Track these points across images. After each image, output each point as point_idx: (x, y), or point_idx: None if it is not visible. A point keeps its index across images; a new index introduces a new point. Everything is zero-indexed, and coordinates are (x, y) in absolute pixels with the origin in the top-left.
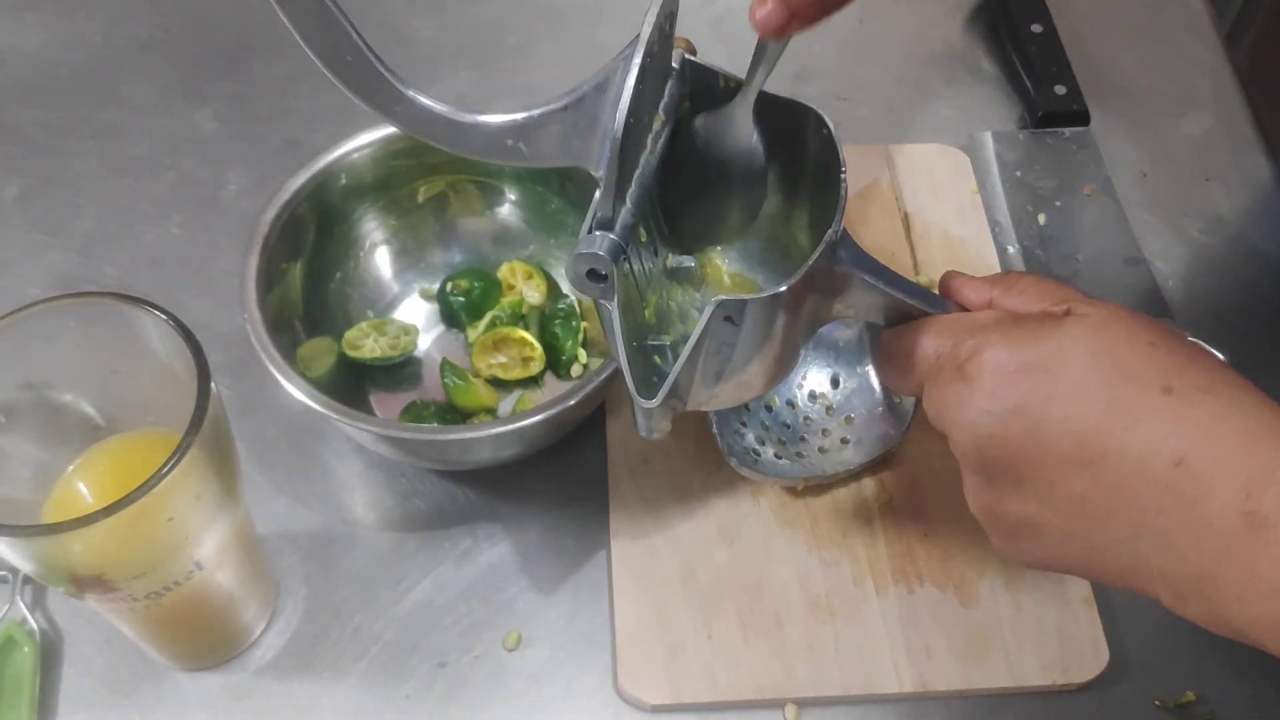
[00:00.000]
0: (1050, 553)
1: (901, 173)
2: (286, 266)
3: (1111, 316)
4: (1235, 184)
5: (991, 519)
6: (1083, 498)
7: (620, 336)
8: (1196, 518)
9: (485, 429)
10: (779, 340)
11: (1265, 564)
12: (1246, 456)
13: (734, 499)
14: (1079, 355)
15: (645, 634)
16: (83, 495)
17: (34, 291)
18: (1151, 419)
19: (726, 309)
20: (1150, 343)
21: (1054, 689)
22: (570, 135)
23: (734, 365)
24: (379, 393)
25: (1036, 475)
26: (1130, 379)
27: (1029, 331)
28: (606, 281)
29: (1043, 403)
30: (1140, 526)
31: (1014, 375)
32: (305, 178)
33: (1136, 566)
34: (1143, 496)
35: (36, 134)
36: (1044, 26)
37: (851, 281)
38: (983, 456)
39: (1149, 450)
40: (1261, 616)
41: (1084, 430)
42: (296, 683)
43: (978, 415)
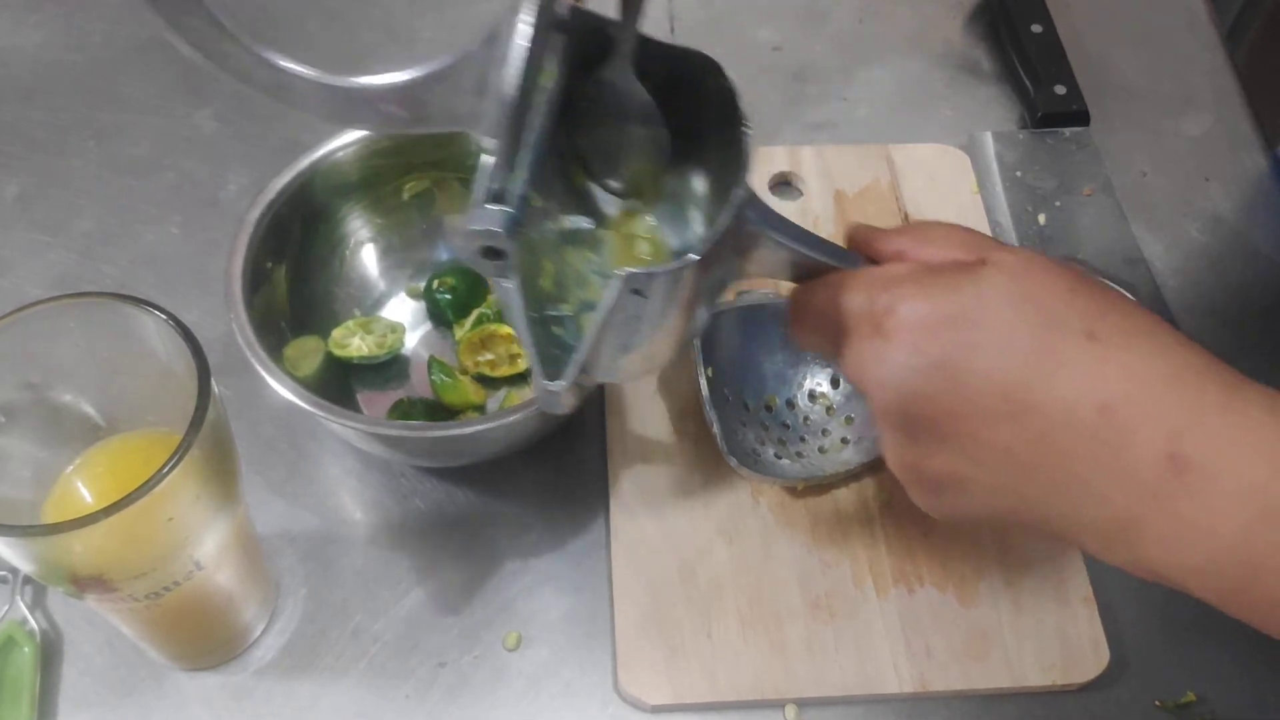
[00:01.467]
0: (976, 507)
1: (901, 173)
2: (272, 266)
3: (1028, 262)
4: (1235, 184)
5: (915, 476)
6: (1008, 450)
7: (522, 316)
8: (1122, 464)
9: (472, 425)
10: (688, 306)
11: (1189, 508)
12: (1170, 400)
13: (734, 499)
14: (999, 304)
15: (645, 634)
16: (83, 495)
17: (34, 291)
18: (1075, 366)
19: (634, 282)
20: (1070, 288)
21: (1054, 689)
22: (455, 97)
23: (642, 336)
24: (367, 391)
25: (960, 430)
26: (1053, 326)
27: (946, 282)
28: (504, 259)
29: (965, 355)
30: (1067, 476)
31: (934, 328)
32: (289, 177)
33: (1064, 516)
34: (1069, 446)
35: (36, 134)
36: (1044, 26)
37: (760, 241)
38: (905, 414)
39: (1074, 398)
40: (1185, 561)
41: (1008, 381)
42: (296, 683)
43: (899, 372)
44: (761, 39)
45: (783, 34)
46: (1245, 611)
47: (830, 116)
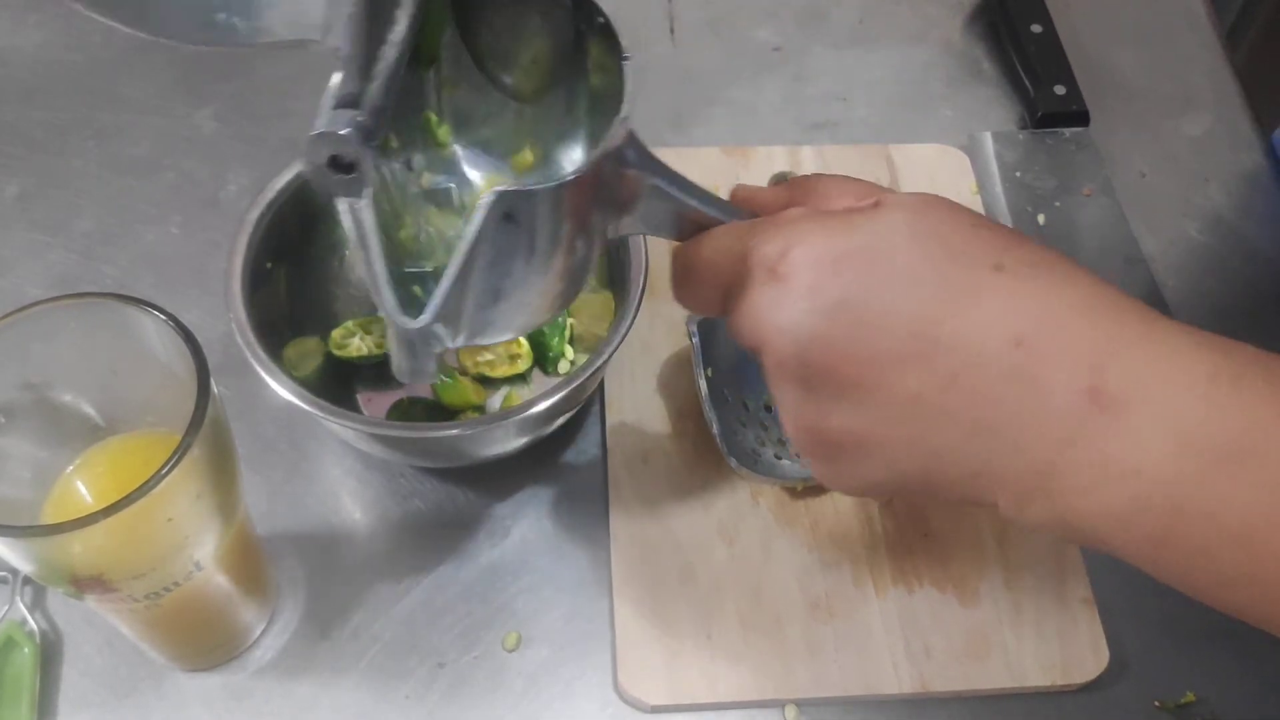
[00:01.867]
0: (882, 470)
1: (901, 173)
2: (273, 266)
3: (926, 200)
4: (1235, 184)
5: (815, 439)
6: (916, 397)
7: (376, 243)
8: (1039, 401)
9: (472, 426)
10: (564, 252)
11: (1112, 445)
12: (1088, 331)
13: (734, 499)
14: (901, 239)
15: (645, 634)
16: (82, 495)
17: (34, 291)
18: (985, 298)
19: (506, 203)
20: (973, 223)
21: (1054, 689)
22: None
23: (514, 280)
24: (367, 391)
25: (864, 378)
26: (958, 259)
27: (843, 221)
28: (355, 172)
29: (867, 293)
30: (979, 421)
31: (833, 266)
32: (289, 177)
33: (976, 470)
34: (981, 385)
35: (36, 134)
36: (1044, 26)
37: (641, 188)
38: (805, 362)
39: (985, 332)
40: (1108, 506)
41: (914, 318)
42: (296, 683)
43: (797, 315)
44: (761, 39)
45: (783, 34)
46: (1167, 564)
47: (830, 116)
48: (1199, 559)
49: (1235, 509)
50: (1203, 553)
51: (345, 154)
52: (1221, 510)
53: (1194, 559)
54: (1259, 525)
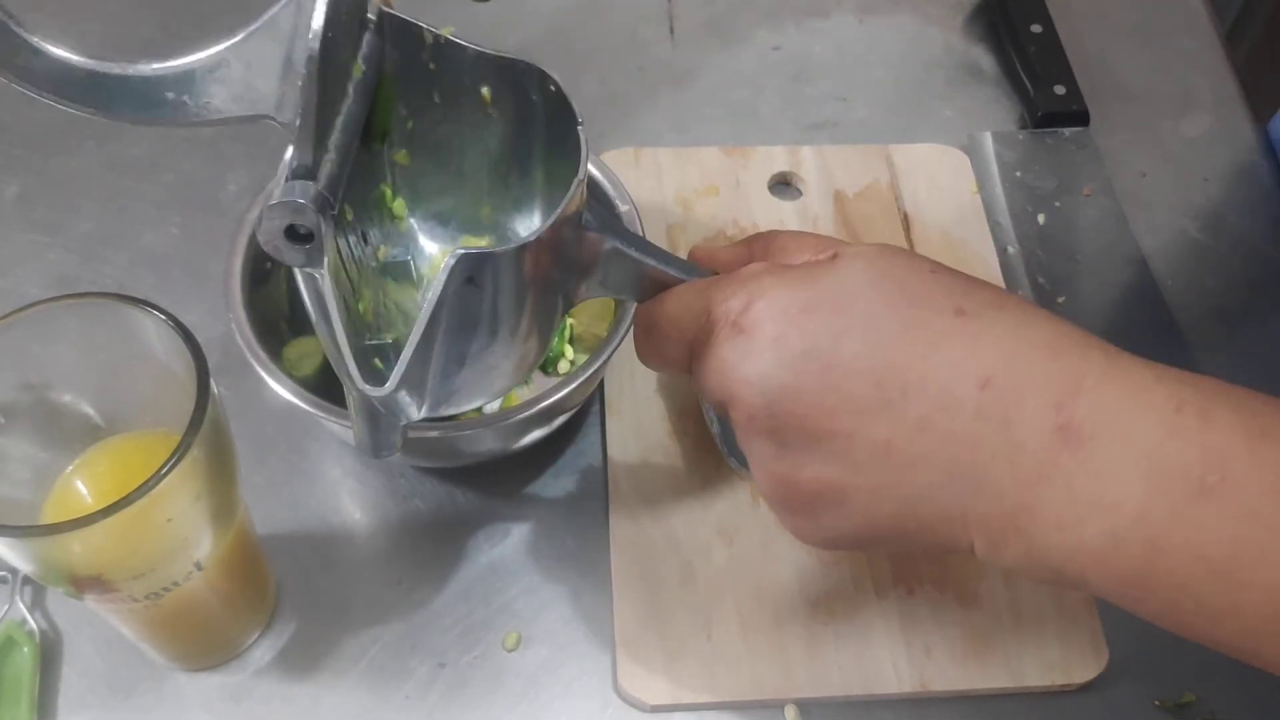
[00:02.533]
0: (856, 521)
1: (901, 173)
2: (273, 266)
3: (884, 249)
4: (1235, 184)
5: (787, 493)
6: (887, 444)
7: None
8: (1010, 441)
9: (472, 425)
10: (527, 316)
11: (1083, 481)
12: (1052, 368)
13: (734, 499)
14: (863, 288)
15: (645, 634)
16: (82, 495)
17: (34, 291)
18: (950, 342)
19: (468, 266)
20: (932, 269)
21: (1054, 689)
22: (246, 79)
23: (478, 345)
24: None
25: (834, 428)
26: (920, 304)
27: (803, 273)
28: (313, 242)
29: (833, 342)
30: (952, 464)
31: (798, 317)
32: None
33: (950, 514)
34: (952, 429)
35: (36, 134)
36: (1044, 26)
37: (600, 250)
38: (774, 414)
39: (952, 375)
40: (1082, 541)
41: (881, 366)
42: (296, 683)
43: (763, 367)
44: (761, 39)
45: (783, 34)
46: (1146, 600)
47: (830, 116)
48: (1178, 594)
49: (1212, 541)
50: (1182, 588)
51: (302, 224)
52: (1198, 542)
53: (1174, 594)
54: (1237, 555)
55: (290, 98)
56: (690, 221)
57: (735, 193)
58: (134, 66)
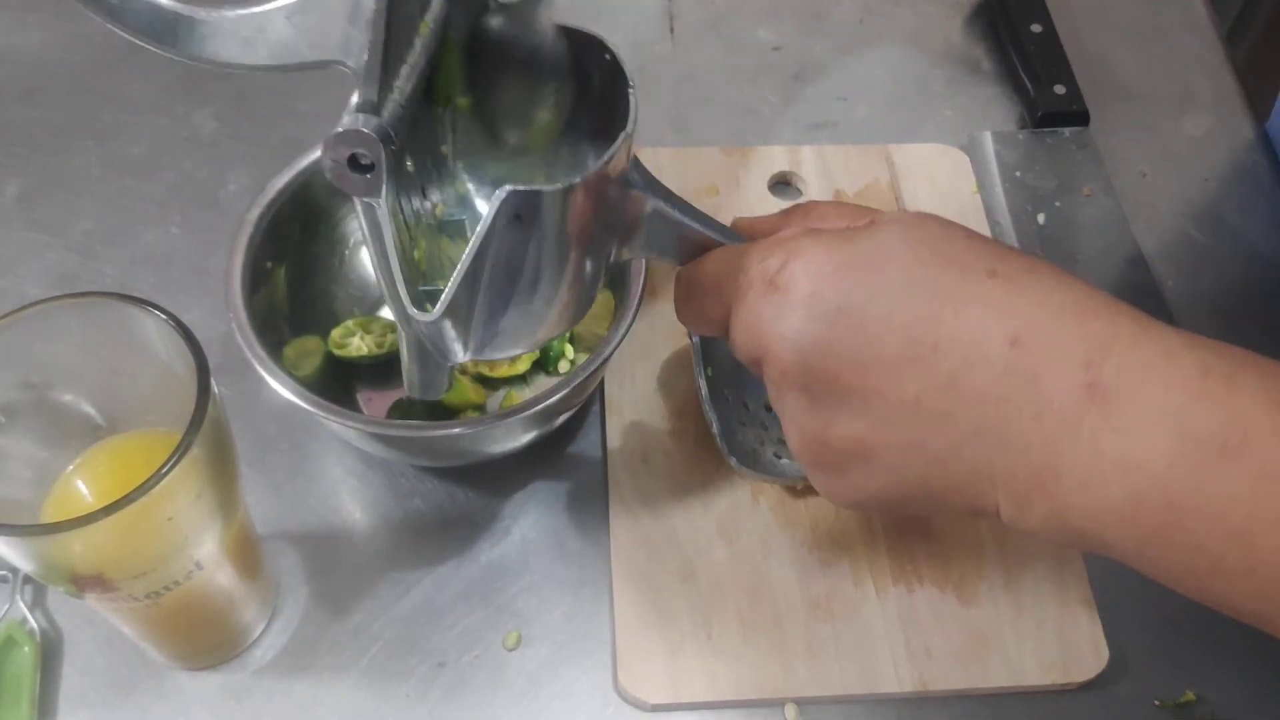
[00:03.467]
0: (884, 478)
1: (901, 173)
2: (273, 266)
3: (920, 215)
4: (1235, 184)
5: (818, 449)
6: (916, 400)
7: (392, 243)
8: (1037, 397)
9: (472, 425)
10: (573, 262)
11: (1108, 438)
12: (1081, 329)
13: (734, 498)
14: (898, 249)
15: (645, 634)
16: (83, 495)
17: (34, 291)
18: (982, 301)
19: (516, 203)
20: (966, 235)
21: (1054, 689)
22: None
23: (522, 286)
24: (367, 391)
25: (865, 384)
26: (954, 265)
27: (840, 235)
28: (373, 172)
29: (867, 298)
30: (980, 421)
31: (833, 274)
32: (289, 177)
33: (977, 473)
34: (980, 385)
35: (36, 134)
36: (1044, 26)
37: (644, 209)
38: (807, 369)
39: (983, 333)
40: (1105, 500)
41: (912, 322)
42: (296, 683)
43: (799, 322)
44: (761, 39)
45: (783, 34)
46: (1164, 561)
47: (830, 116)
48: (1195, 555)
49: (1231, 503)
50: (1199, 548)
51: (364, 153)
52: (1217, 504)
53: (1190, 555)
54: (1254, 518)
55: (357, 40)
56: None
57: (735, 193)
58: (217, 11)
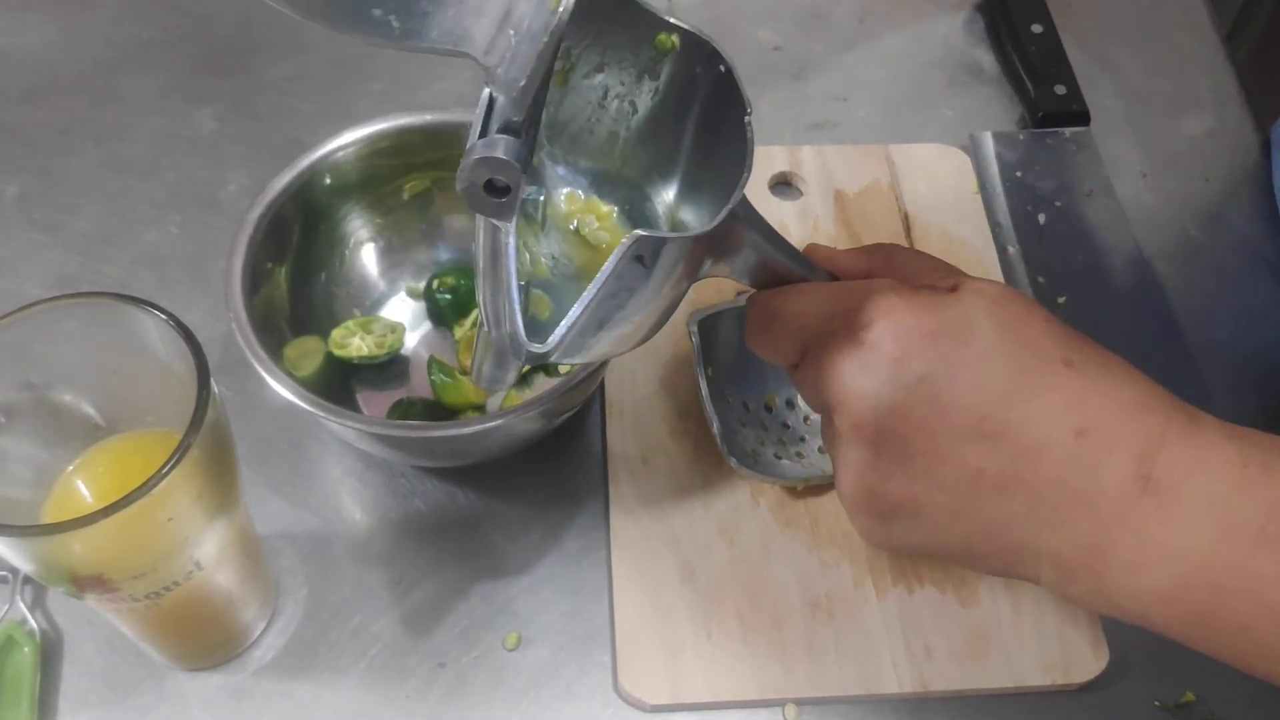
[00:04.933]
0: (928, 535)
1: (901, 173)
2: (273, 266)
3: (1004, 290)
4: (1235, 184)
5: (869, 499)
6: (979, 472)
7: (513, 266)
8: (1093, 486)
9: (472, 425)
10: (669, 292)
11: (1155, 527)
12: (1140, 424)
13: (734, 499)
14: (983, 326)
15: (645, 634)
16: (83, 495)
17: (34, 291)
18: (1055, 391)
19: (641, 247)
20: (1046, 319)
21: (1054, 689)
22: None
23: (626, 313)
24: (367, 391)
25: (931, 450)
26: (1033, 351)
27: (928, 300)
28: (508, 196)
29: (949, 371)
30: (1035, 500)
31: (920, 342)
32: (290, 177)
33: (1023, 545)
34: (1042, 469)
35: (36, 134)
36: (1044, 26)
37: (744, 241)
38: (879, 428)
39: (1053, 422)
40: (1149, 584)
41: (988, 401)
42: (296, 683)
43: (880, 383)
44: (761, 39)
45: (783, 34)
46: (1208, 639)
47: (830, 116)
48: (1241, 637)
49: (1271, 586)
50: (1244, 630)
51: (503, 179)
52: (1259, 588)
53: (1236, 637)
54: None
55: (500, 45)
56: None
57: None
58: None
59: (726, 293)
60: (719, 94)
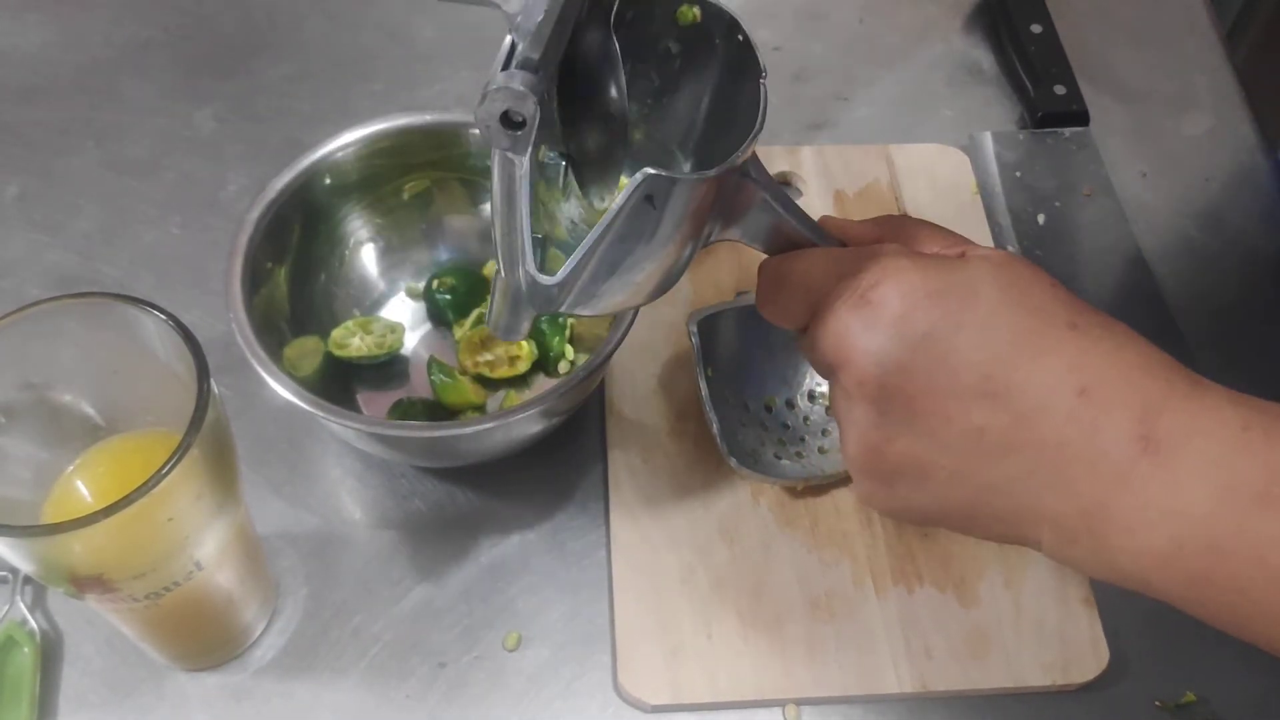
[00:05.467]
0: (931, 497)
1: (901, 173)
2: (273, 266)
3: (1010, 257)
4: (1235, 184)
5: (874, 461)
6: (981, 432)
7: (526, 200)
8: (1094, 446)
9: (472, 425)
10: (679, 243)
11: (1156, 488)
12: (1142, 386)
13: (734, 499)
14: (988, 287)
15: (645, 634)
16: (83, 495)
17: (34, 291)
18: (1058, 351)
19: (651, 186)
20: (1051, 284)
21: (1054, 689)
22: None
23: (632, 259)
24: (367, 391)
25: (935, 409)
26: (1037, 313)
27: (935, 262)
28: (524, 129)
29: (954, 330)
30: (1037, 460)
31: (925, 300)
32: (289, 177)
33: (1024, 507)
34: (1044, 429)
35: (36, 134)
36: (1044, 26)
37: (754, 200)
38: (884, 385)
39: (1055, 382)
40: (1149, 545)
41: (992, 360)
42: (296, 683)
43: (884, 340)
44: (761, 39)
45: (783, 34)
46: (1207, 602)
47: (830, 116)
48: (1239, 598)
49: (1270, 548)
50: (1243, 592)
51: (519, 110)
52: (1257, 547)
53: (1235, 598)
54: None
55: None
56: None
57: None
58: None
59: (726, 293)
60: (735, 64)
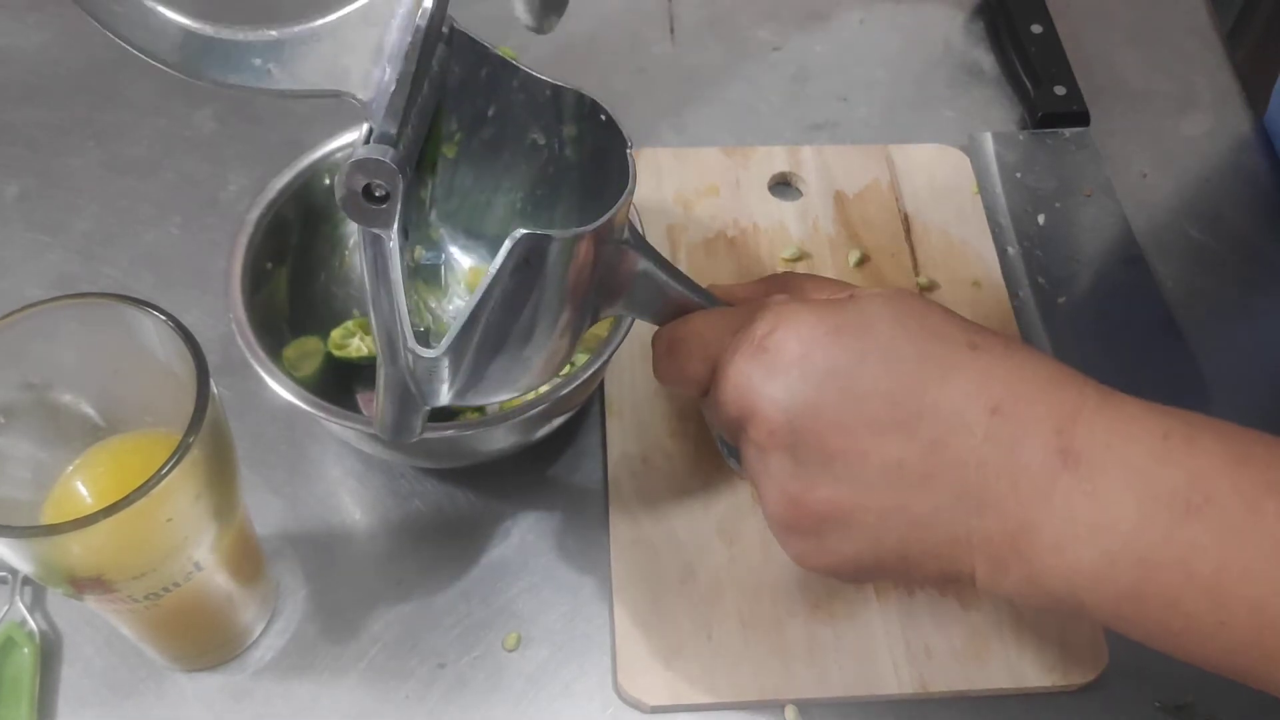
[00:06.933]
0: (861, 543)
1: (901, 173)
2: (273, 266)
3: (900, 291)
4: (1235, 184)
5: (798, 514)
6: (899, 463)
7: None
8: (1014, 463)
9: (472, 425)
10: (566, 311)
11: (1080, 501)
12: (1054, 399)
13: (734, 499)
14: (884, 320)
15: (645, 635)
16: (82, 496)
17: (34, 291)
18: (963, 371)
19: (527, 246)
20: (945, 311)
21: (1054, 690)
22: (335, 56)
23: (520, 328)
24: (367, 392)
25: (850, 446)
26: (936, 337)
27: (826, 304)
28: (387, 202)
29: (856, 363)
30: (960, 485)
31: (824, 338)
32: (289, 177)
33: (955, 538)
34: (961, 451)
35: (36, 134)
36: (1044, 26)
37: (637, 268)
38: (794, 430)
39: (965, 401)
40: (1079, 562)
41: (898, 388)
42: (296, 683)
43: (788, 383)
44: (761, 39)
45: (783, 34)
46: (1138, 616)
47: (830, 116)
48: (1170, 612)
49: (1199, 558)
50: (1173, 605)
51: (380, 183)
52: (1187, 560)
53: (1166, 612)
54: (1223, 571)
55: (374, 79)
56: (690, 222)
57: (735, 193)
58: (228, 30)
59: None
60: (603, 143)
